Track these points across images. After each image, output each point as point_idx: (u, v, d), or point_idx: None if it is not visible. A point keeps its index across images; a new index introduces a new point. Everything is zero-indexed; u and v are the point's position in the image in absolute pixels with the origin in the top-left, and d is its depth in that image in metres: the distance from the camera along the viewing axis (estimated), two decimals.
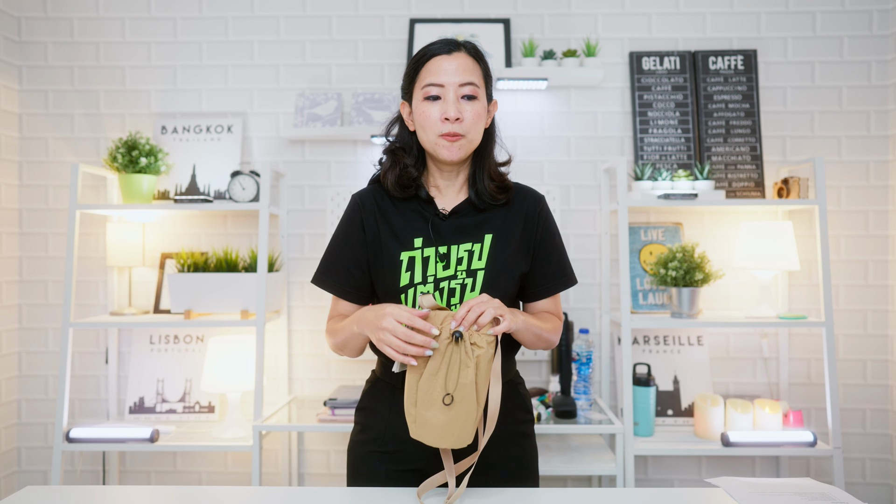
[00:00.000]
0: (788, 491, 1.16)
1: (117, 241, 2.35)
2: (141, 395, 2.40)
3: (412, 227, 1.28)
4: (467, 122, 1.23)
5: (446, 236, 1.28)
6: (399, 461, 1.28)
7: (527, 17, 2.47)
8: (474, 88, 1.24)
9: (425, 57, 1.26)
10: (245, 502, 1.14)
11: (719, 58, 2.42)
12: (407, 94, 1.31)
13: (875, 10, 2.41)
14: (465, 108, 1.24)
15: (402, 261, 1.26)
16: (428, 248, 1.27)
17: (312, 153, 2.49)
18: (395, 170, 1.30)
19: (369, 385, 1.38)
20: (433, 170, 1.32)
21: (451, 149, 1.24)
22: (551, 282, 1.35)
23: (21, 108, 2.51)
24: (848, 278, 2.42)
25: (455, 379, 1.09)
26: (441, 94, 1.23)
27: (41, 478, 2.49)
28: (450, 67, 1.23)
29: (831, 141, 2.43)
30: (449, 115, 1.21)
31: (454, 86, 1.23)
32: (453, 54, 1.24)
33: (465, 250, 1.27)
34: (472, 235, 1.28)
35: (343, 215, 1.34)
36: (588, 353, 2.21)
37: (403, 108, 1.32)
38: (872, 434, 2.41)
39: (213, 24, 2.50)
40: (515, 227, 1.31)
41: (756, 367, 2.43)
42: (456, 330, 1.10)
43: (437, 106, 1.23)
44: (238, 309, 2.22)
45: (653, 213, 2.44)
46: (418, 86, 1.26)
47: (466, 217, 1.30)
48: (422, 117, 1.25)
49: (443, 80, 1.23)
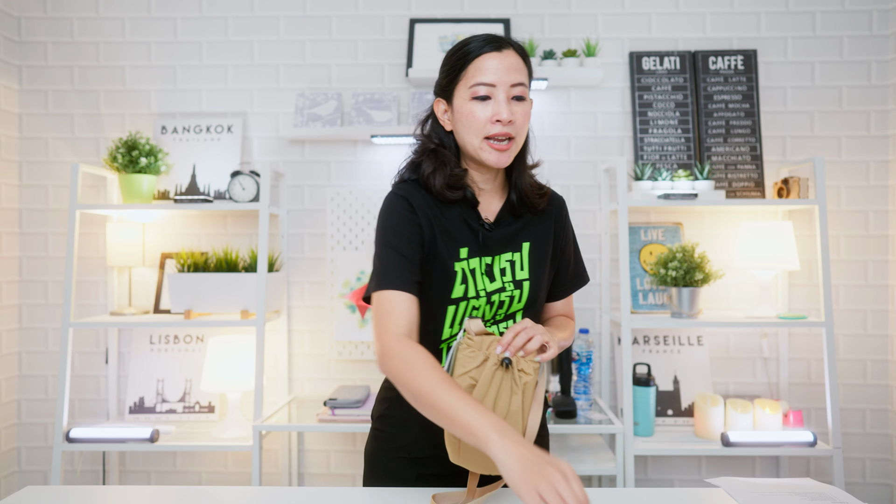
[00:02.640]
0: (788, 491, 1.16)
1: (117, 241, 2.35)
2: (141, 395, 2.40)
3: (460, 236, 1.21)
4: (518, 125, 1.18)
5: (492, 247, 1.23)
6: (430, 465, 1.24)
7: (527, 17, 2.47)
8: (524, 89, 1.18)
9: (472, 54, 1.17)
10: (245, 502, 1.14)
11: (719, 58, 2.42)
12: (445, 93, 1.22)
13: (875, 9, 2.41)
14: (516, 109, 1.17)
15: (457, 272, 1.19)
16: (473, 259, 1.21)
17: (312, 153, 2.49)
18: (444, 170, 1.21)
19: (395, 392, 1.25)
20: (472, 174, 1.25)
21: (500, 155, 1.18)
22: (570, 283, 1.35)
23: (21, 107, 2.51)
24: (848, 278, 2.42)
25: (505, 407, 1.06)
26: (491, 95, 1.16)
27: (41, 478, 2.49)
28: (501, 66, 1.16)
29: (831, 141, 2.43)
30: (502, 117, 1.15)
31: (505, 86, 1.16)
32: (503, 52, 1.17)
33: (506, 260, 1.23)
34: (511, 244, 1.24)
35: (388, 216, 1.20)
36: (588, 353, 2.21)
37: (438, 106, 1.24)
38: (872, 434, 2.41)
39: (213, 24, 2.50)
40: (548, 233, 1.29)
41: (756, 367, 2.43)
42: (505, 357, 1.06)
43: (487, 106, 1.16)
44: (238, 309, 2.22)
45: (653, 213, 2.44)
46: (463, 84, 1.18)
47: (508, 226, 1.25)
48: (469, 118, 1.17)
49: (493, 79, 1.15)
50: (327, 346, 2.45)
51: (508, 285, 1.22)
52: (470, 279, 1.20)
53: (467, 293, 1.19)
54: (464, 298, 1.19)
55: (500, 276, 1.22)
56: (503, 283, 1.22)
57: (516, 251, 1.24)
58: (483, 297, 1.20)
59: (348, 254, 2.43)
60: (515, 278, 1.23)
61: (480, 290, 1.20)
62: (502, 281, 1.22)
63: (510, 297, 1.22)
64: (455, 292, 1.19)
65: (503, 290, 1.22)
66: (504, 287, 1.22)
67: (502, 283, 1.22)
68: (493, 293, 1.21)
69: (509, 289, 1.22)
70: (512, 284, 1.22)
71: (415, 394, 1.05)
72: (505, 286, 1.22)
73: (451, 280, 1.18)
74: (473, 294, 1.20)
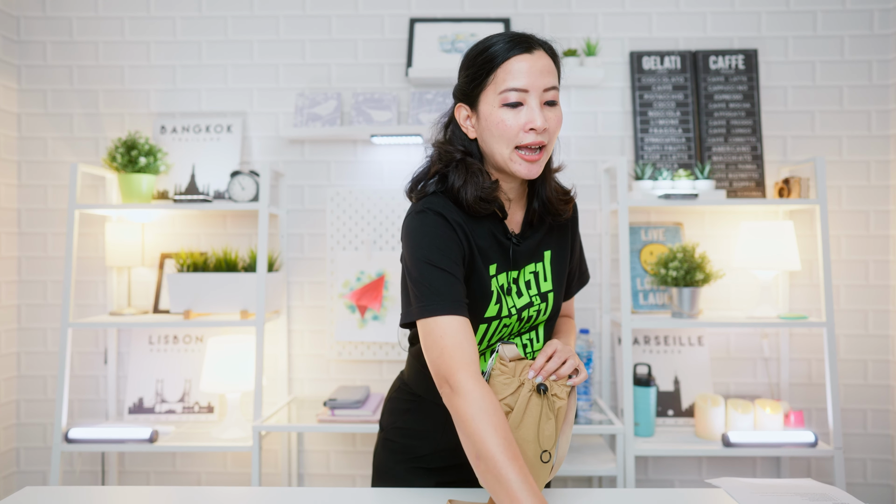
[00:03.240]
0: (789, 491, 1.15)
1: (116, 241, 2.35)
2: (140, 396, 2.39)
3: (491, 252, 1.14)
4: (550, 131, 1.10)
5: (519, 261, 1.17)
6: (450, 473, 1.23)
7: (527, 17, 2.47)
8: (556, 93, 1.10)
9: (501, 56, 1.08)
10: (245, 502, 1.14)
11: (720, 57, 2.42)
12: (468, 98, 1.13)
13: (876, 9, 2.41)
14: (549, 115, 1.10)
15: (493, 291, 1.13)
16: (501, 276, 1.15)
17: (312, 153, 2.49)
18: (476, 181, 1.11)
19: (412, 405, 1.26)
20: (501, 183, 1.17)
21: (531, 166, 1.09)
22: (575, 284, 1.33)
23: (20, 107, 2.50)
24: (849, 278, 2.41)
25: (539, 431, 1.05)
26: (523, 101, 1.08)
27: (40, 478, 2.49)
28: (533, 69, 1.07)
29: (832, 141, 2.42)
30: (536, 125, 1.07)
31: (538, 90, 1.07)
32: (534, 53, 1.08)
33: (530, 272, 1.18)
34: (534, 256, 1.18)
35: (428, 233, 1.09)
36: (588, 354, 2.21)
37: (459, 112, 1.15)
38: (873, 434, 2.40)
39: (213, 24, 2.49)
40: (566, 239, 1.24)
41: (757, 367, 2.42)
42: (541, 383, 1.05)
43: (519, 114, 1.08)
44: (237, 309, 2.21)
45: (653, 213, 2.44)
46: (492, 90, 1.09)
47: (532, 238, 1.19)
48: (499, 126, 1.08)
49: (525, 83, 1.06)
50: (327, 347, 2.45)
51: (535, 299, 1.18)
52: (503, 297, 1.15)
53: (500, 312, 1.14)
54: (496, 318, 1.14)
55: (526, 289, 1.17)
56: (530, 297, 1.17)
57: (538, 261, 1.19)
58: (514, 315, 1.15)
59: (348, 254, 2.43)
60: (540, 290, 1.18)
61: (511, 307, 1.15)
62: (529, 295, 1.17)
63: (537, 310, 1.18)
64: (489, 311, 1.13)
65: (531, 304, 1.17)
66: (532, 302, 1.17)
67: (529, 297, 1.17)
68: (523, 309, 1.16)
69: (536, 303, 1.18)
70: (538, 298, 1.18)
71: (479, 451, 0.96)
72: (532, 300, 1.17)
73: (488, 299, 1.12)
74: (507, 313, 1.15)
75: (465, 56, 1.16)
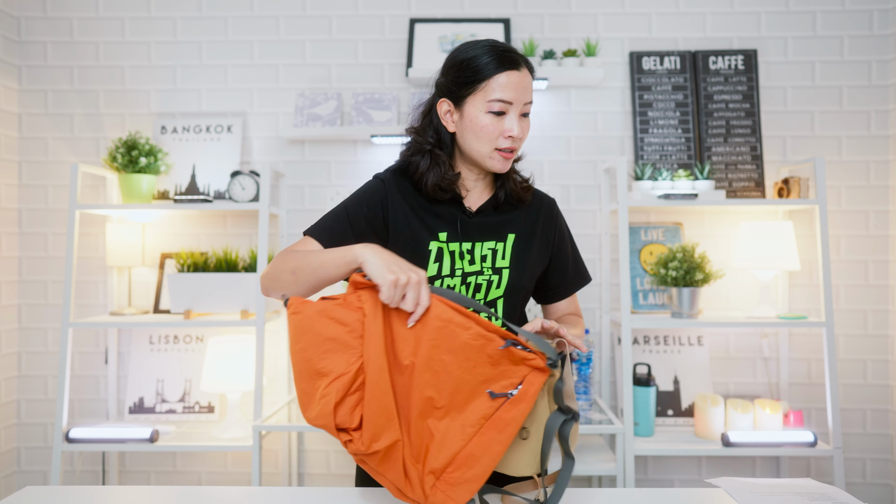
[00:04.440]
0: (789, 491, 1.16)
1: (117, 241, 2.35)
2: (141, 396, 2.39)
3: (439, 221, 1.28)
4: (522, 139, 1.26)
5: (471, 233, 1.29)
6: None
7: (527, 17, 2.47)
8: (531, 106, 1.26)
9: (491, 69, 1.21)
10: (245, 502, 1.14)
11: (719, 58, 2.42)
12: (453, 96, 1.26)
13: (875, 9, 2.41)
14: (523, 125, 1.25)
15: (431, 251, 1.26)
16: (453, 243, 1.27)
17: (312, 153, 2.49)
18: (436, 171, 1.27)
19: None
20: (465, 171, 1.32)
21: (505, 163, 1.26)
22: (571, 282, 1.40)
23: (21, 107, 2.50)
24: (848, 278, 2.41)
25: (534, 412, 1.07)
26: (506, 111, 1.22)
27: (41, 478, 2.49)
28: (519, 85, 1.22)
29: (832, 141, 2.42)
30: (514, 134, 1.22)
31: (520, 104, 1.23)
32: (521, 71, 1.23)
33: (488, 248, 1.29)
34: (495, 234, 1.30)
35: (363, 192, 1.29)
36: (588, 354, 2.21)
37: (441, 106, 1.28)
38: (873, 434, 2.41)
39: (213, 24, 2.50)
40: (535, 229, 1.34)
41: (756, 367, 2.42)
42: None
43: (501, 122, 1.22)
44: (238, 309, 2.21)
45: (653, 213, 2.44)
46: (481, 97, 1.22)
47: (491, 216, 1.32)
48: (483, 129, 1.23)
49: (511, 97, 1.21)
50: None
51: (487, 270, 1.27)
52: (446, 258, 1.26)
53: (441, 271, 1.25)
54: (438, 277, 1.25)
55: (481, 261, 1.27)
56: (482, 268, 1.27)
57: (500, 241, 1.29)
58: (458, 277, 1.25)
59: None
60: (496, 265, 1.28)
61: (457, 268, 1.25)
62: (482, 266, 1.27)
63: (488, 281, 1.27)
64: (429, 270, 1.24)
65: (481, 273, 1.27)
66: (482, 271, 1.27)
67: (481, 267, 1.27)
68: (470, 275, 1.26)
69: (487, 273, 1.27)
70: (491, 270, 1.27)
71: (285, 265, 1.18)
72: (483, 270, 1.27)
73: (425, 258, 1.25)
74: (448, 272, 1.25)
75: (452, 58, 1.28)
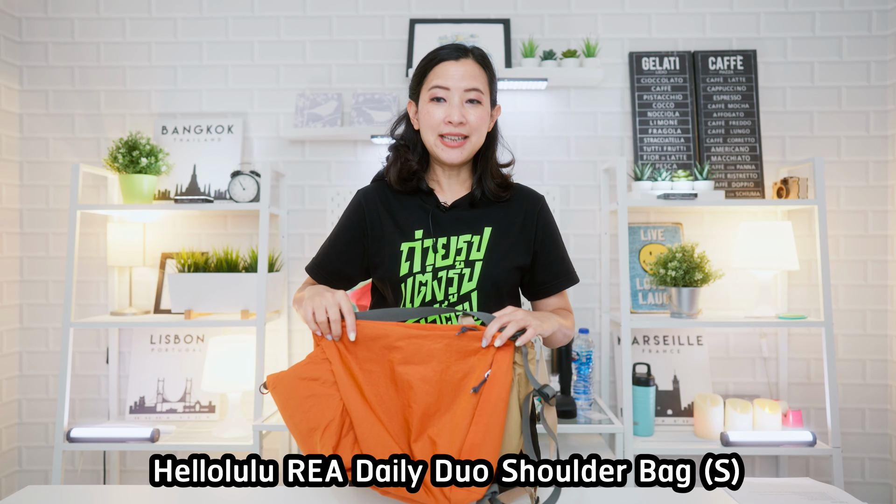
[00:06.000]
0: (788, 491, 1.16)
1: (118, 241, 2.36)
2: (141, 395, 2.40)
3: (414, 220, 1.33)
4: (472, 125, 1.29)
5: (446, 228, 1.32)
6: None
7: (527, 18, 2.47)
8: (479, 94, 1.30)
9: (434, 60, 1.31)
10: (245, 502, 1.15)
11: (719, 58, 2.43)
12: (414, 95, 1.36)
13: (874, 10, 2.42)
14: (470, 111, 1.29)
15: (402, 251, 1.30)
16: (427, 240, 1.30)
17: (312, 153, 2.49)
18: (397, 164, 1.35)
19: None
20: (436, 167, 1.38)
21: (452, 152, 1.30)
22: (557, 279, 1.40)
23: (22, 108, 2.51)
24: (847, 278, 2.42)
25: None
26: (446, 97, 1.29)
27: (42, 477, 2.49)
28: (457, 73, 1.29)
29: (831, 141, 2.43)
30: (452, 119, 1.27)
31: (459, 90, 1.28)
32: (461, 60, 1.30)
33: (464, 241, 1.31)
34: (471, 227, 1.32)
35: (345, 211, 1.39)
36: (588, 353, 2.22)
37: (410, 108, 1.38)
38: (872, 434, 2.41)
39: (214, 25, 2.50)
40: (514, 223, 1.36)
41: (755, 366, 2.43)
42: None
43: (442, 108, 1.29)
44: (238, 309, 2.22)
45: (652, 213, 2.45)
46: (425, 87, 1.32)
47: (466, 210, 1.35)
48: (426, 117, 1.31)
49: (449, 83, 1.28)
50: None
51: (459, 264, 1.29)
52: (418, 256, 1.29)
53: (412, 268, 1.28)
54: (409, 274, 1.28)
55: (455, 255, 1.30)
56: (455, 261, 1.29)
57: (476, 234, 1.32)
58: (430, 273, 1.27)
59: None
60: (469, 258, 1.29)
61: (428, 265, 1.28)
62: (455, 260, 1.29)
63: (459, 274, 1.28)
64: (402, 269, 1.28)
65: (452, 267, 1.29)
66: (454, 265, 1.29)
67: (454, 261, 1.29)
68: (441, 269, 1.28)
69: (459, 267, 1.29)
70: (463, 263, 1.29)
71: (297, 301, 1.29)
72: (455, 264, 1.29)
73: (397, 259, 1.29)
74: (419, 269, 1.28)
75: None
